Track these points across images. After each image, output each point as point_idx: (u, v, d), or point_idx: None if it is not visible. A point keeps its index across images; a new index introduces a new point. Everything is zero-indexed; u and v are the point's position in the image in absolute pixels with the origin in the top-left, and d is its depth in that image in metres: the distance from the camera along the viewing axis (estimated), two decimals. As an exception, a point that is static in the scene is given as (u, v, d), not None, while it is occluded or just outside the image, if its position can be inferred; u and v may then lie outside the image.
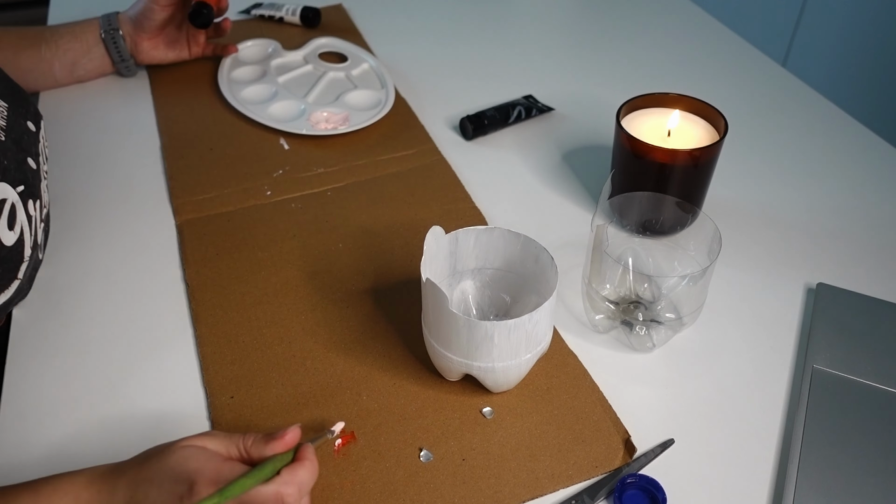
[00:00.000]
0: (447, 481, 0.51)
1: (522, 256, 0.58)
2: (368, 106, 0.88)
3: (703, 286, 0.58)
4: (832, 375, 0.58)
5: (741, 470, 0.53)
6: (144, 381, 0.58)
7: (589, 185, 0.78)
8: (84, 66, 0.89)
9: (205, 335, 0.61)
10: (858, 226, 0.73)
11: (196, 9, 0.84)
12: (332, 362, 0.59)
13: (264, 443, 0.46)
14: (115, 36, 0.87)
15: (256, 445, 0.46)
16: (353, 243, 0.70)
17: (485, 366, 0.53)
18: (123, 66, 0.90)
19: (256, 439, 0.47)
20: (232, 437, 0.47)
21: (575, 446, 0.53)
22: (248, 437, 0.47)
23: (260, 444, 0.46)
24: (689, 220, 0.65)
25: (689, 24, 1.07)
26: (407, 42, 1.02)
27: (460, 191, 0.76)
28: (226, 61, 0.93)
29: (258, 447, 0.46)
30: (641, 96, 0.71)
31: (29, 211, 0.57)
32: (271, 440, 0.46)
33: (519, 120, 0.86)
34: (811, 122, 0.87)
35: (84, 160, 0.79)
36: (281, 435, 0.46)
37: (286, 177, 0.77)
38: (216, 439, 0.47)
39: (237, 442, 0.47)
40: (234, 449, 0.47)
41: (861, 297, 0.64)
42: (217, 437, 0.47)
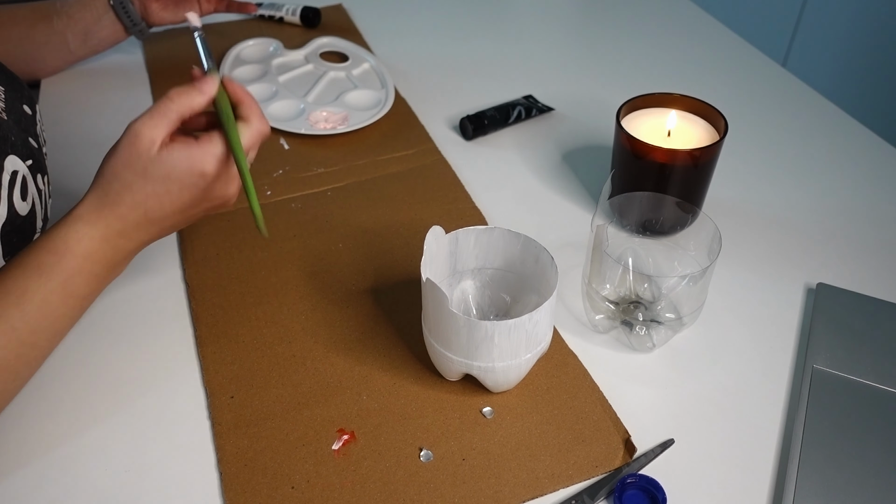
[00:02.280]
0: (447, 481, 0.51)
1: (522, 256, 0.58)
2: (368, 106, 0.88)
3: (703, 286, 0.58)
4: (832, 375, 0.58)
5: (741, 470, 0.53)
6: (144, 381, 0.58)
7: (589, 185, 0.78)
8: (97, 34, 0.88)
9: (205, 335, 0.61)
10: (858, 226, 0.73)
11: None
12: (332, 362, 0.59)
13: (190, 98, 0.52)
14: (123, 1, 0.86)
15: (183, 103, 0.52)
16: (353, 243, 0.70)
17: (485, 366, 0.53)
18: (136, 30, 0.89)
19: (179, 101, 0.52)
20: (161, 114, 0.51)
21: (575, 446, 0.53)
22: (169, 104, 0.51)
23: (185, 101, 0.52)
24: (689, 220, 0.65)
25: (689, 24, 1.07)
26: (407, 42, 1.02)
27: (460, 191, 0.76)
28: (227, 60, 0.93)
29: (187, 103, 0.52)
30: (641, 96, 0.71)
31: (38, 185, 0.57)
32: (194, 93, 0.52)
33: (519, 120, 0.86)
34: (811, 122, 0.87)
35: (83, 160, 0.79)
36: (199, 87, 0.53)
37: (286, 177, 0.77)
38: (157, 124, 0.51)
39: (167, 115, 0.51)
40: (173, 122, 0.52)
41: (861, 297, 0.64)
42: (154, 121, 0.51)
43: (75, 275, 0.51)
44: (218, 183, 0.54)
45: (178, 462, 0.53)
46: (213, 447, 0.53)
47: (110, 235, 0.52)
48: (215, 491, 0.51)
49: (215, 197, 0.55)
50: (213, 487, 0.51)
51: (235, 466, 0.52)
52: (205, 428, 0.55)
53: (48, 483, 0.51)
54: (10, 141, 0.54)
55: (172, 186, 0.52)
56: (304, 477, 0.51)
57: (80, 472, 0.52)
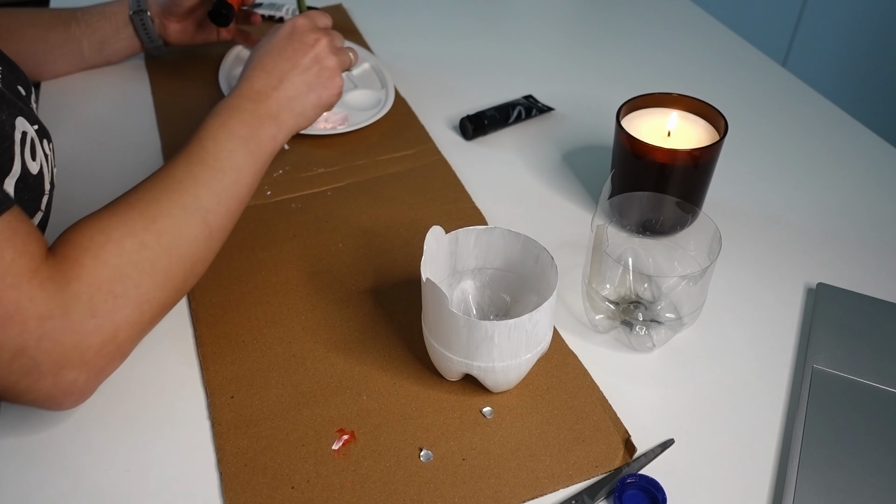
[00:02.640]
0: (447, 481, 0.51)
1: (522, 256, 0.58)
2: (368, 106, 0.88)
3: (703, 286, 0.58)
4: (832, 375, 0.58)
5: (741, 470, 0.53)
6: (144, 381, 0.58)
7: (589, 185, 0.78)
8: (113, 45, 0.90)
9: (205, 335, 0.61)
10: (858, 226, 0.73)
11: (216, 8, 0.84)
12: (332, 362, 0.59)
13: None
14: (143, 17, 0.88)
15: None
16: (353, 243, 0.70)
17: (485, 366, 0.53)
18: (152, 46, 0.91)
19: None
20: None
21: (575, 446, 0.53)
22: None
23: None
24: (689, 220, 0.65)
25: (689, 24, 1.07)
26: (407, 42, 1.02)
27: (460, 191, 0.76)
28: (227, 61, 0.93)
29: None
30: (641, 96, 0.71)
31: (45, 149, 0.58)
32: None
33: (519, 120, 0.86)
34: (811, 122, 0.87)
35: (83, 160, 0.79)
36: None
37: (286, 177, 0.77)
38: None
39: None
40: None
41: (861, 297, 0.64)
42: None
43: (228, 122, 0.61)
44: (304, 21, 0.69)
45: (178, 462, 0.53)
46: (213, 447, 0.53)
47: (245, 94, 0.63)
48: (215, 491, 0.51)
49: (308, 36, 0.67)
50: (213, 487, 0.51)
51: (235, 466, 0.52)
52: (205, 428, 0.55)
53: (48, 483, 0.51)
54: (17, 107, 0.55)
55: (273, 40, 0.67)
56: (304, 477, 0.51)
57: (80, 472, 0.52)
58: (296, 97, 0.66)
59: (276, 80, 0.65)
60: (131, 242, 0.50)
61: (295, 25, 0.68)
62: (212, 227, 0.56)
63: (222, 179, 0.57)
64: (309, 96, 0.66)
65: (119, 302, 0.49)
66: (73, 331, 0.47)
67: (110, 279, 0.49)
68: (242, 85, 0.65)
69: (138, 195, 0.54)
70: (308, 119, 0.67)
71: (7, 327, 0.45)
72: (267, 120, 0.63)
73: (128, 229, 0.51)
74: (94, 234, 0.50)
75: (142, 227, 0.51)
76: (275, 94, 0.64)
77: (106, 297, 0.48)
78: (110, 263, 0.49)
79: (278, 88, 0.65)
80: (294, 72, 0.66)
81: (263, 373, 0.58)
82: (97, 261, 0.49)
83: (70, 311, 0.46)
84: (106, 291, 0.48)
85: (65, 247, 0.49)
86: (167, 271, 0.52)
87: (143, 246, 0.51)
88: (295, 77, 0.66)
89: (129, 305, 0.49)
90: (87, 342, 0.47)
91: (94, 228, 0.50)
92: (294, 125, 0.66)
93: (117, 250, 0.50)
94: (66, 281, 0.47)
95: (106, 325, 0.48)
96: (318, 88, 0.67)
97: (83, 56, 0.90)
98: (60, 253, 0.48)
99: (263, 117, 0.63)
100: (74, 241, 0.49)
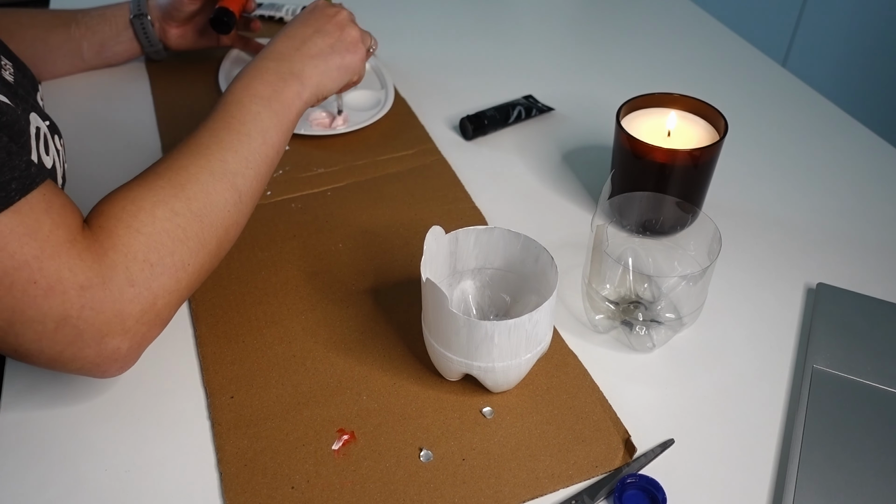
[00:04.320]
0: (447, 481, 0.51)
1: (522, 256, 0.58)
2: (368, 106, 0.88)
3: (703, 286, 0.58)
4: (832, 375, 0.58)
5: (741, 470, 0.53)
6: (144, 381, 0.58)
7: (589, 185, 0.78)
8: (113, 48, 0.90)
9: (205, 335, 0.61)
10: (858, 226, 0.73)
11: (217, 16, 0.84)
12: (332, 362, 0.59)
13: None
14: (143, 21, 0.88)
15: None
16: (353, 243, 0.70)
17: (485, 366, 0.53)
18: (152, 50, 0.91)
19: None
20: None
21: (575, 446, 0.53)
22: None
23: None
24: (689, 220, 0.65)
25: (689, 24, 1.07)
26: (406, 42, 1.02)
27: (460, 191, 0.76)
28: (226, 62, 0.93)
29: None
30: (641, 96, 0.71)
31: (56, 145, 0.59)
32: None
33: (519, 120, 0.86)
34: (811, 122, 0.87)
35: (83, 160, 0.79)
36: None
37: (286, 177, 0.77)
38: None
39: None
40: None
41: (861, 297, 0.64)
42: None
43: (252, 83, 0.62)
44: (323, 1, 0.71)
45: (178, 462, 0.53)
46: (213, 447, 0.53)
47: (267, 56, 0.64)
48: (215, 491, 0.51)
49: (328, 9, 0.70)
50: (213, 487, 0.51)
51: (235, 466, 0.52)
52: (205, 428, 0.55)
53: (48, 483, 0.51)
54: (29, 103, 0.56)
55: (297, 16, 0.70)
56: (304, 477, 0.51)
57: (80, 472, 0.52)
58: (319, 55, 0.67)
59: (300, 41, 0.66)
60: (163, 210, 0.51)
61: (316, 3, 0.71)
62: (241, 191, 0.57)
63: (249, 143, 0.58)
64: (333, 57, 0.68)
65: (155, 270, 0.50)
66: (113, 299, 0.47)
67: (145, 248, 0.49)
68: (266, 50, 0.65)
69: (167, 164, 0.55)
70: (333, 80, 0.68)
71: (49, 297, 0.45)
72: (290, 77, 0.63)
73: (158, 198, 0.51)
74: (125, 205, 0.50)
75: (172, 195, 0.52)
76: (298, 55, 0.65)
77: (142, 266, 0.49)
78: (143, 232, 0.50)
79: (301, 49, 0.66)
80: (317, 35, 0.67)
81: (263, 373, 0.58)
82: (130, 230, 0.49)
83: (109, 281, 0.47)
84: (142, 260, 0.49)
85: (98, 218, 0.50)
86: (200, 237, 0.53)
87: (174, 213, 0.52)
88: (318, 38, 0.67)
89: (166, 273, 0.50)
90: (128, 310, 0.48)
91: (125, 199, 0.51)
92: (319, 84, 0.66)
93: (149, 219, 0.50)
94: (103, 251, 0.48)
95: (144, 294, 0.49)
96: (342, 50, 0.68)
97: (82, 58, 0.90)
98: (95, 224, 0.49)
99: (286, 75, 0.63)
100: (107, 211, 0.50)
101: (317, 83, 0.66)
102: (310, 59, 0.66)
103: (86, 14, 0.88)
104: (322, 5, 0.71)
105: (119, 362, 0.50)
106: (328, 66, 0.67)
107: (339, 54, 0.68)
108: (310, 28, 0.68)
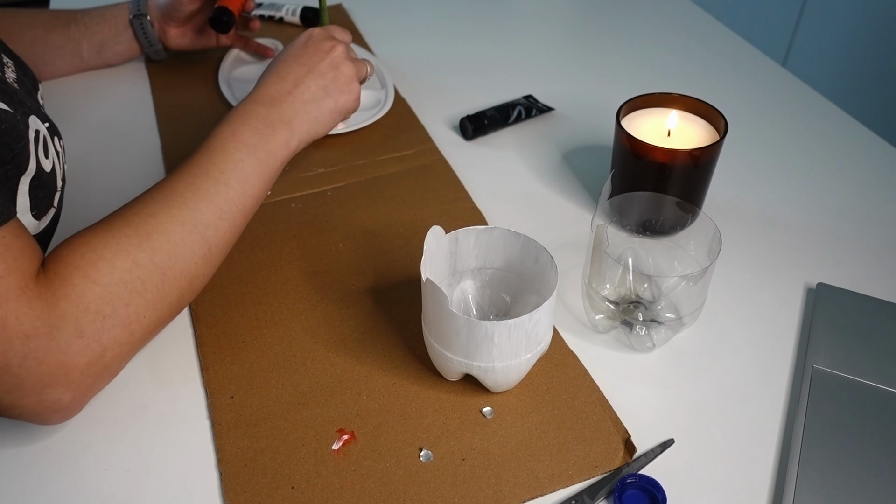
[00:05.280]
0: (447, 481, 0.51)
1: (522, 256, 0.58)
2: (368, 106, 0.88)
3: (703, 286, 0.58)
4: (832, 375, 0.58)
5: (741, 470, 0.53)
6: (144, 381, 0.58)
7: (589, 185, 0.78)
8: (112, 48, 0.90)
9: (205, 335, 0.61)
10: (858, 226, 0.73)
11: (216, 15, 0.84)
12: (332, 362, 0.59)
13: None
14: (142, 21, 0.88)
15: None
16: (353, 243, 0.70)
17: (485, 366, 0.53)
18: (152, 50, 0.91)
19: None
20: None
21: (575, 446, 0.53)
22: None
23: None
24: (689, 220, 0.65)
25: (689, 24, 1.07)
26: (407, 42, 1.02)
27: (460, 191, 0.76)
28: (226, 62, 0.93)
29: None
30: (641, 96, 0.71)
31: (56, 146, 0.58)
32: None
33: (519, 120, 0.86)
34: (811, 122, 0.87)
35: (83, 160, 0.79)
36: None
37: (286, 177, 0.77)
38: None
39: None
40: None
41: (861, 297, 0.64)
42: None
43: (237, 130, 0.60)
44: (321, 31, 0.69)
45: (178, 462, 0.53)
46: (213, 447, 0.53)
47: (258, 99, 0.63)
48: (215, 491, 0.51)
49: (323, 44, 0.67)
50: (213, 487, 0.51)
51: (235, 466, 0.52)
52: (205, 428, 0.55)
53: (48, 483, 0.51)
54: (28, 105, 0.56)
55: (290, 48, 0.67)
56: (304, 477, 0.51)
57: (80, 472, 0.52)
58: (311, 101, 0.64)
59: (291, 84, 0.64)
60: (123, 261, 0.50)
61: (311, 34, 0.68)
62: (211, 244, 0.55)
63: (226, 192, 0.56)
64: (326, 101, 0.65)
65: (107, 322, 0.48)
66: (59, 350, 0.46)
67: (99, 299, 0.48)
68: (256, 91, 0.63)
69: (135, 209, 0.53)
70: (325, 125, 0.66)
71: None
72: (280, 125, 0.61)
73: (121, 247, 0.50)
74: (86, 252, 0.49)
75: (136, 245, 0.51)
76: (289, 98, 0.63)
77: (94, 318, 0.48)
78: (100, 283, 0.48)
79: (293, 92, 0.64)
80: (310, 76, 0.65)
81: (263, 373, 0.58)
82: (87, 280, 0.48)
83: (56, 331, 0.46)
84: (94, 312, 0.48)
85: (56, 263, 0.48)
86: (160, 290, 0.51)
87: (135, 264, 0.50)
88: (311, 81, 0.65)
89: (118, 326, 0.49)
90: (73, 362, 0.47)
91: (86, 245, 0.49)
92: (309, 130, 0.64)
93: (108, 269, 0.49)
94: (55, 300, 0.46)
95: (93, 346, 0.48)
96: (335, 93, 0.66)
97: (82, 58, 0.90)
98: (51, 270, 0.48)
99: (276, 122, 0.61)
100: (66, 257, 0.49)
101: (307, 130, 0.64)
102: (302, 105, 0.64)
103: (85, 14, 0.88)
104: (317, 38, 0.68)
105: (60, 413, 0.49)
106: (320, 112, 0.65)
107: (333, 97, 0.66)
108: (303, 67, 0.65)
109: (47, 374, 0.46)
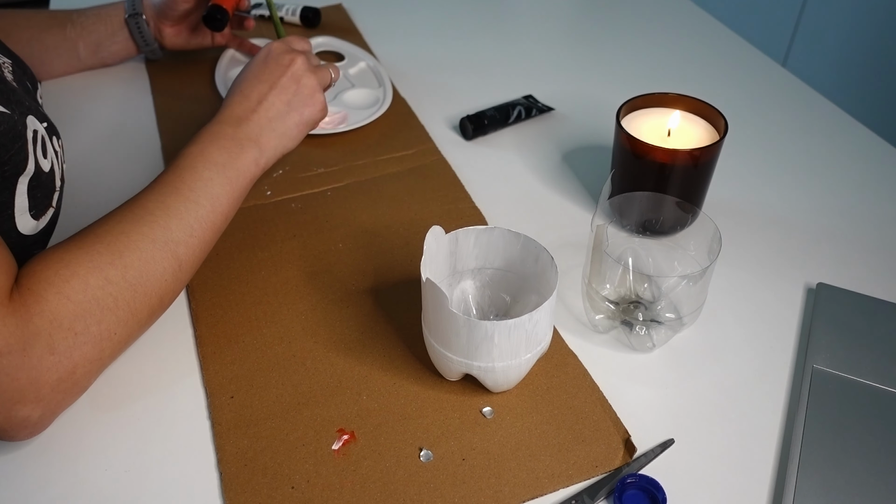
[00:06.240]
0: (447, 481, 0.51)
1: (522, 256, 0.58)
2: (367, 105, 0.88)
3: (703, 286, 0.58)
4: (832, 375, 0.58)
5: (741, 470, 0.53)
6: (144, 381, 0.58)
7: (589, 185, 0.78)
8: (108, 48, 0.90)
9: (205, 335, 0.61)
10: (858, 226, 0.73)
11: (210, 13, 0.84)
12: (332, 362, 0.59)
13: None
14: (138, 20, 0.88)
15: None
16: (353, 243, 0.70)
17: (485, 366, 0.53)
18: (148, 50, 0.91)
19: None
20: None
21: (575, 446, 0.53)
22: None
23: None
24: (689, 220, 0.65)
25: (689, 24, 1.07)
26: (407, 42, 1.02)
27: (460, 191, 0.76)
28: (222, 62, 0.93)
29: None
30: (641, 96, 0.71)
31: (54, 146, 0.58)
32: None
33: (519, 120, 0.86)
34: (811, 122, 0.87)
35: (83, 160, 0.79)
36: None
37: (286, 177, 0.77)
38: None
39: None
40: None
41: (861, 297, 0.64)
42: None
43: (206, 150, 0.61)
44: (279, 44, 0.69)
45: (178, 462, 0.53)
46: (213, 447, 0.53)
47: (224, 119, 0.63)
48: (215, 491, 0.51)
49: (283, 58, 0.67)
50: (213, 487, 0.51)
51: (235, 466, 0.52)
52: (205, 428, 0.55)
53: (48, 483, 0.51)
54: (26, 105, 0.55)
55: (250, 66, 0.67)
56: (304, 477, 0.51)
57: (80, 472, 0.52)
58: (276, 117, 0.65)
59: (255, 102, 0.64)
60: (96, 278, 0.50)
61: (270, 49, 0.68)
62: (182, 261, 0.55)
63: (196, 210, 0.57)
64: (291, 115, 0.66)
65: (79, 339, 0.48)
66: (30, 367, 0.46)
67: (72, 316, 0.48)
68: (222, 111, 0.64)
69: (108, 227, 0.53)
70: (292, 139, 0.66)
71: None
72: (247, 144, 0.62)
73: (94, 264, 0.50)
74: (59, 268, 0.49)
75: (108, 262, 0.51)
76: (254, 117, 0.64)
77: (66, 335, 0.48)
78: (73, 300, 0.48)
79: (257, 111, 0.64)
80: (272, 92, 0.65)
81: (263, 373, 0.58)
82: (60, 296, 0.48)
83: (28, 348, 0.46)
84: (67, 328, 0.48)
85: (30, 279, 0.48)
86: (131, 307, 0.52)
87: (107, 281, 0.50)
88: (274, 97, 0.65)
89: (90, 342, 0.49)
90: (44, 378, 0.47)
91: (60, 261, 0.50)
92: (277, 146, 0.65)
93: (81, 286, 0.49)
94: (29, 316, 0.46)
95: (64, 362, 0.48)
96: (300, 107, 0.66)
97: (79, 58, 0.89)
98: (25, 286, 0.48)
99: (244, 141, 0.62)
100: (40, 273, 0.49)
101: (275, 146, 0.64)
102: (267, 122, 0.64)
103: (81, 14, 0.88)
104: (276, 52, 0.67)
105: (29, 429, 0.49)
106: (286, 127, 0.65)
107: (298, 111, 0.66)
108: (265, 84, 0.65)
109: (18, 390, 0.46)
